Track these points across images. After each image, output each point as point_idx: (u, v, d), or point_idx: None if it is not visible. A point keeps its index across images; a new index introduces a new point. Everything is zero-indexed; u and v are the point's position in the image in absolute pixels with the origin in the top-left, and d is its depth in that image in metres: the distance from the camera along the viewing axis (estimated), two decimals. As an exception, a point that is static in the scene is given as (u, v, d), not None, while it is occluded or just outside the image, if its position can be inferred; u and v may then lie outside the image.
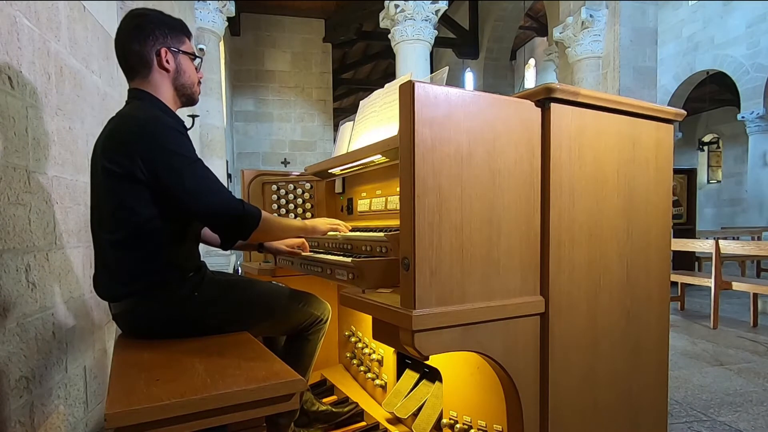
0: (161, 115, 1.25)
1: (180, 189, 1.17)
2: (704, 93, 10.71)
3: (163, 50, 1.29)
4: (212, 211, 1.20)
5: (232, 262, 5.52)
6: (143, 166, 1.14)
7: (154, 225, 1.20)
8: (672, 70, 10.41)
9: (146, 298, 1.23)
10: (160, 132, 1.18)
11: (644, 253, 1.26)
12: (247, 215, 1.23)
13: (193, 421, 0.90)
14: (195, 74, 1.38)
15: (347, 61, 11.54)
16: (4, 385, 1.23)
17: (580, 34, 5.69)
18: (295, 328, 1.50)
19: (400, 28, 6.05)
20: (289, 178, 2.20)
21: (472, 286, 0.97)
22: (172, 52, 1.31)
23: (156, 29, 1.28)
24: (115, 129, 1.22)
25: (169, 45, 1.30)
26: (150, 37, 1.27)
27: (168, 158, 1.16)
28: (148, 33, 1.27)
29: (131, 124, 1.19)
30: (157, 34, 1.28)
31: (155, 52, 1.28)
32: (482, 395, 1.26)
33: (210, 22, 5.65)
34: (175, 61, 1.32)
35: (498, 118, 1.00)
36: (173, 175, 1.16)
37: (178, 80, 1.33)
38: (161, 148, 1.16)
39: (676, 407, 2.14)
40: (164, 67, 1.30)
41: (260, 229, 1.27)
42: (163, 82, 1.31)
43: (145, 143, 1.16)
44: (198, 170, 1.19)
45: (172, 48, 1.31)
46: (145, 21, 1.28)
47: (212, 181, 1.21)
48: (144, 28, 1.27)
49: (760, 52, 8.79)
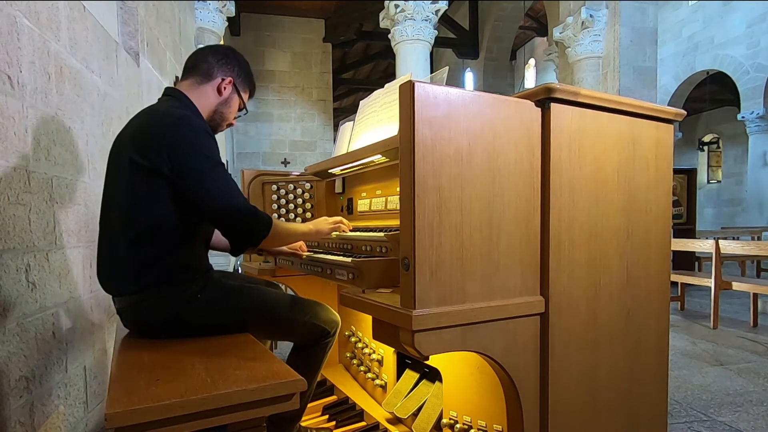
0: (193, 117, 1.28)
1: (199, 188, 1.19)
2: (704, 93, 10.71)
3: (228, 79, 1.40)
4: (227, 214, 1.22)
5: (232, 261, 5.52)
6: (169, 161, 1.18)
7: (168, 224, 1.22)
8: (672, 70, 10.40)
9: (152, 295, 1.24)
10: (190, 131, 1.21)
11: (644, 253, 1.26)
12: (258, 223, 1.25)
13: (193, 421, 0.90)
14: (232, 115, 1.48)
15: (347, 61, 11.54)
16: (4, 385, 1.23)
17: (580, 34, 5.69)
18: (299, 339, 1.45)
19: (400, 28, 6.05)
20: (289, 178, 2.20)
21: (472, 286, 0.97)
22: (234, 88, 1.43)
23: (237, 66, 1.43)
24: (148, 122, 1.25)
25: (236, 82, 1.43)
26: (227, 65, 1.41)
27: (193, 157, 1.19)
28: (230, 62, 1.42)
29: (165, 121, 1.23)
30: (235, 69, 1.43)
31: (222, 76, 1.40)
32: (482, 395, 1.26)
33: (210, 22, 5.64)
34: (230, 95, 1.42)
35: (498, 118, 1.00)
36: (195, 174, 1.19)
37: (221, 107, 1.42)
38: (189, 146, 1.20)
39: (676, 407, 2.14)
40: (220, 90, 1.40)
41: (270, 237, 1.28)
42: (209, 99, 1.40)
43: (174, 140, 1.19)
44: (219, 173, 1.23)
45: (236, 85, 1.43)
46: (234, 55, 1.45)
47: (231, 185, 1.24)
48: (229, 57, 1.42)
49: (760, 52, 8.79)
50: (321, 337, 1.44)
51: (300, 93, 9.01)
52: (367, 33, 9.13)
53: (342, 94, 13.17)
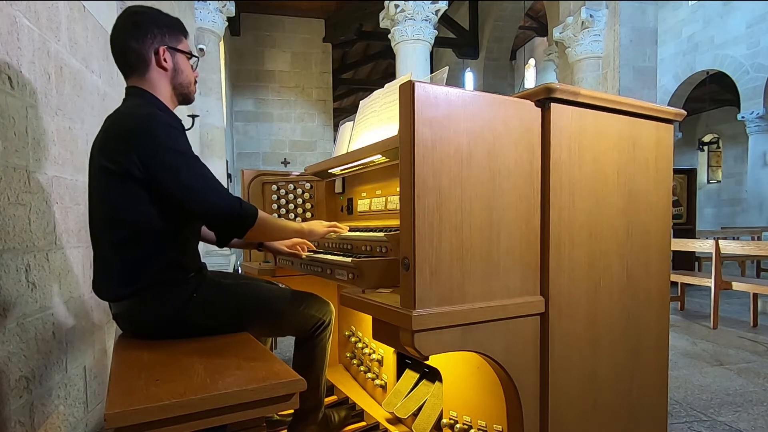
0: (158, 112, 1.24)
1: (175, 185, 1.16)
2: (704, 93, 10.71)
3: (161, 49, 1.28)
4: (208, 208, 1.20)
5: (232, 261, 5.52)
6: (140, 163, 1.14)
7: (153, 225, 1.20)
8: (672, 70, 10.41)
9: (146, 299, 1.23)
10: (156, 129, 1.17)
11: (644, 253, 1.26)
12: (243, 213, 1.23)
13: (193, 421, 0.90)
14: (192, 73, 1.39)
15: (347, 61, 11.54)
16: (4, 385, 1.23)
17: (580, 34, 5.69)
18: (296, 332, 1.49)
19: (400, 28, 6.05)
20: (289, 178, 2.20)
21: (472, 286, 0.97)
22: (170, 51, 1.31)
23: (154, 27, 1.28)
24: (112, 127, 1.22)
25: (167, 44, 1.30)
26: (148, 36, 1.27)
27: (164, 155, 1.16)
28: (147, 31, 1.27)
29: (128, 122, 1.19)
30: (155, 32, 1.28)
31: (153, 51, 1.28)
32: (482, 395, 1.26)
33: (210, 22, 5.65)
34: (173, 60, 1.32)
35: (498, 118, 1.00)
36: (169, 172, 1.16)
37: (176, 79, 1.33)
38: (157, 145, 1.16)
39: (676, 407, 2.14)
40: (162, 65, 1.29)
41: (256, 228, 1.26)
42: (160, 81, 1.31)
43: (141, 140, 1.15)
44: (194, 167, 1.19)
45: (170, 47, 1.30)
46: (143, 19, 1.28)
47: (208, 178, 1.21)
48: (142, 26, 1.27)
49: (760, 52, 8.78)
50: (317, 326, 1.48)
51: (300, 93, 9.02)
52: (367, 33, 9.13)
53: (342, 94, 13.17)
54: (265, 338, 1.72)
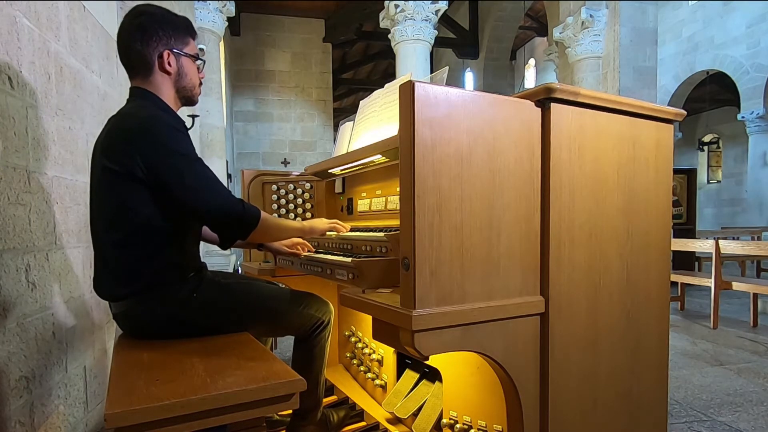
0: (162, 114, 1.24)
1: (179, 187, 1.16)
2: (704, 93, 10.71)
3: (165, 53, 1.27)
4: (211, 210, 1.20)
5: (232, 261, 5.52)
6: (143, 164, 1.14)
7: (154, 225, 1.20)
8: (672, 70, 10.40)
9: (146, 299, 1.23)
10: (160, 130, 1.17)
11: (644, 253, 1.26)
12: (246, 215, 1.23)
13: (193, 421, 0.90)
14: (197, 76, 1.38)
15: (347, 61, 11.54)
16: (4, 385, 1.23)
17: (580, 34, 5.69)
18: (296, 332, 1.49)
19: (400, 28, 6.06)
20: (289, 178, 2.20)
21: (472, 286, 0.97)
22: (175, 55, 1.30)
23: (160, 30, 1.26)
24: (115, 127, 1.22)
25: (172, 47, 1.28)
26: (153, 38, 1.25)
27: (167, 156, 1.16)
28: (152, 34, 1.25)
29: (131, 123, 1.19)
30: (160, 35, 1.26)
31: (158, 55, 1.27)
32: (482, 395, 1.26)
33: (210, 22, 5.65)
34: (177, 63, 1.31)
35: (498, 118, 1.00)
36: (172, 174, 1.16)
37: (180, 82, 1.33)
38: (161, 147, 1.16)
39: (676, 407, 2.14)
40: (166, 69, 1.29)
41: (259, 229, 1.26)
42: (164, 84, 1.30)
43: (144, 141, 1.15)
44: (197, 169, 1.19)
45: (174, 50, 1.29)
46: (149, 20, 1.26)
47: (212, 179, 1.21)
48: (147, 28, 1.25)
49: (760, 52, 8.78)
50: (316, 326, 1.49)
51: (300, 93, 9.02)
52: (367, 33, 9.13)
53: (342, 94, 13.17)
54: (265, 338, 1.72)
